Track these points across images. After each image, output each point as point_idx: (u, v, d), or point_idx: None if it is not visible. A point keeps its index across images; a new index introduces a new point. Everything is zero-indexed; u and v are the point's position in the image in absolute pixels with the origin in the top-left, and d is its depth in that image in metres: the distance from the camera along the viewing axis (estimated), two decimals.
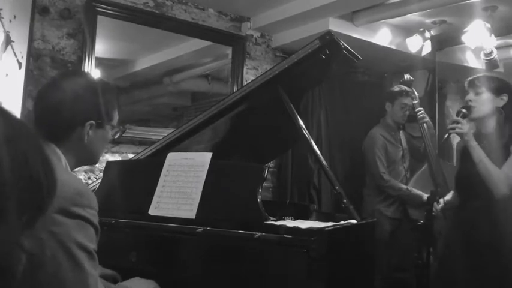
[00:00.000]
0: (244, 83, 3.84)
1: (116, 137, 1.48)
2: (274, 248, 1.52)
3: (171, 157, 1.92)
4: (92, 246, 1.16)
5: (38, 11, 3.02)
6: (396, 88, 3.65)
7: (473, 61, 4.42)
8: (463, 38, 3.92)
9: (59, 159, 1.29)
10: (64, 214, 1.09)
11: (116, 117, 1.44)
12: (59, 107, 1.30)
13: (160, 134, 2.68)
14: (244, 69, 3.99)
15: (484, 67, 4.01)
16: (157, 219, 1.78)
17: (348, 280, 1.67)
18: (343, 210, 1.90)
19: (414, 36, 4.03)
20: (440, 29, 4.07)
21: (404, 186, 3.40)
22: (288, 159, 4.15)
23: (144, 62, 3.86)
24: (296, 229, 1.53)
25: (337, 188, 1.92)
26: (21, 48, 2.88)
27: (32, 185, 0.74)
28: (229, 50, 3.96)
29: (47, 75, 3.04)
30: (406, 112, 3.55)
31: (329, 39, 1.92)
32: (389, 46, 4.12)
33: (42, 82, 2.82)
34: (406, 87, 3.61)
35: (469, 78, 2.41)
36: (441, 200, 2.62)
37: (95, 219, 1.18)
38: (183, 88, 4.14)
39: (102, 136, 1.39)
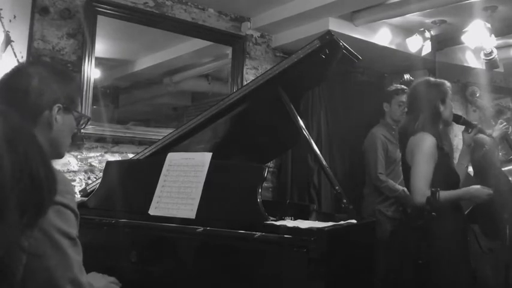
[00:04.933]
0: (244, 83, 3.84)
1: (82, 127, 1.48)
2: (274, 248, 1.52)
3: (171, 157, 1.92)
4: (74, 232, 1.18)
5: (38, 11, 3.02)
6: (392, 87, 3.67)
7: (473, 61, 4.43)
8: (463, 38, 3.92)
9: None
10: None
11: (79, 105, 1.44)
12: (27, 90, 1.30)
13: (160, 134, 2.68)
14: (244, 69, 3.99)
15: (484, 67, 4.02)
16: (157, 219, 1.78)
17: (347, 280, 1.67)
18: (343, 210, 1.90)
19: (414, 36, 4.03)
20: (440, 29, 4.08)
21: (400, 188, 3.40)
22: (288, 159, 4.15)
23: (144, 62, 3.86)
24: (296, 229, 1.53)
25: (337, 188, 1.92)
26: (21, 48, 2.88)
27: (33, 186, 0.74)
28: (229, 50, 3.96)
29: None
30: (404, 110, 3.55)
31: (329, 39, 1.92)
32: (389, 46, 4.12)
33: None
34: (402, 86, 3.61)
35: None
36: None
37: (74, 205, 1.20)
38: (183, 88, 4.14)
39: (69, 123, 1.38)
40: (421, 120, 2.41)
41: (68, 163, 3.11)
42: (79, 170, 3.18)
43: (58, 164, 2.43)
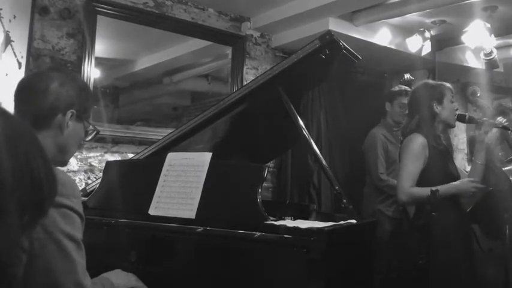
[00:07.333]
0: (244, 82, 3.84)
1: (89, 139, 1.50)
2: (274, 248, 1.52)
3: (171, 157, 1.92)
4: (79, 235, 1.19)
5: (38, 11, 3.02)
6: (396, 88, 3.67)
7: (473, 61, 4.43)
8: (463, 38, 3.92)
9: None
10: None
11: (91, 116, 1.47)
12: (46, 91, 1.33)
13: (160, 134, 2.68)
14: (244, 69, 3.99)
15: (483, 67, 4.02)
16: (157, 219, 1.78)
17: (347, 280, 1.67)
18: (343, 210, 1.90)
19: (414, 36, 4.03)
20: (440, 29, 4.08)
21: None
22: (288, 159, 4.15)
23: (144, 62, 3.86)
24: (296, 229, 1.53)
25: (337, 188, 1.92)
26: (21, 48, 2.88)
27: (33, 186, 0.74)
28: (229, 50, 3.96)
29: None
30: (404, 112, 3.56)
31: (329, 39, 1.92)
32: (389, 46, 4.12)
33: None
34: (406, 87, 3.62)
35: None
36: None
37: (80, 208, 1.21)
38: (183, 88, 4.14)
39: (79, 131, 1.41)
40: (416, 121, 2.45)
41: (68, 163, 3.10)
42: (79, 170, 3.18)
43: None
